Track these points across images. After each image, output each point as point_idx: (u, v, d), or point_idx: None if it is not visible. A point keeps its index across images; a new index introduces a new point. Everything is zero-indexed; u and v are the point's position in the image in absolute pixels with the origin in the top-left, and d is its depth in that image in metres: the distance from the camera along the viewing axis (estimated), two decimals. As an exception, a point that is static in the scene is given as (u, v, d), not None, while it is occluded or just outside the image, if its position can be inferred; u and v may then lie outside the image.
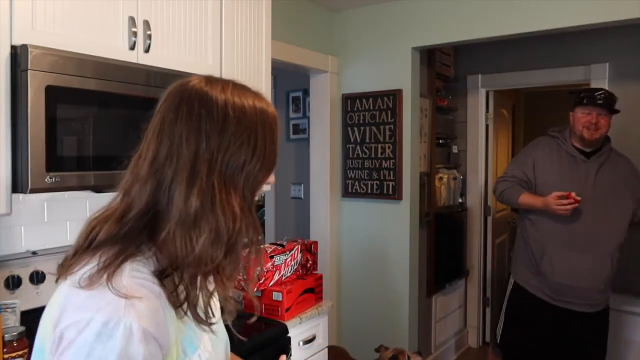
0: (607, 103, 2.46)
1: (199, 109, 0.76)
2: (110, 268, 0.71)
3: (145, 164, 0.77)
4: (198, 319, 0.78)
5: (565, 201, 2.36)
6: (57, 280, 0.79)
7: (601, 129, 2.46)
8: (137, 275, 0.73)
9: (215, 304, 0.91)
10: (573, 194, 2.35)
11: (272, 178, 0.85)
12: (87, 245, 0.78)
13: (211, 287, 0.82)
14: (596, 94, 2.49)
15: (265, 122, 0.80)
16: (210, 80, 0.81)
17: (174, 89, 0.81)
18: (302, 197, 3.73)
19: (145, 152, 0.79)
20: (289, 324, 2.06)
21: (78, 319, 0.68)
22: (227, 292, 0.83)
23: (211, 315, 0.83)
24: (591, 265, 2.43)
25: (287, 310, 2.09)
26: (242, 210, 0.77)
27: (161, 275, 0.75)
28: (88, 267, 0.73)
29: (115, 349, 0.66)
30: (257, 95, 0.83)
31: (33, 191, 1.37)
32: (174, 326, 0.75)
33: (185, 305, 0.76)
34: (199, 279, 0.77)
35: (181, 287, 0.76)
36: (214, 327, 0.83)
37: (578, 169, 2.51)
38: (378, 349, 2.86)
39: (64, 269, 0.77)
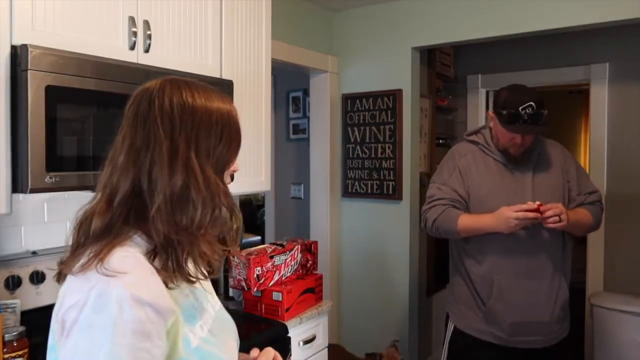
0: (535, 120, 1.97)
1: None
2: (100, 254, 0.78)
3: (123, 153, 0.84)
4: (187, 278, 0.85)
5: (531, 214, 1.86)
6: (58, 280, 0.84)
7: (528, 143, 2.04)
8: (125, 254, 0.79)
9: (214, 297, 0.99)
10: (537, 203, 1.88)
11: (236, 165, 0.94)
12: (80, 243, 0.84)
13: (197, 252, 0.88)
14: (521, 110, 1.96)
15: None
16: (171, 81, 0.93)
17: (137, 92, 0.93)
18: (302, 197, 3.73)
19: (120, 144, 0.86)
20: (289, 324, 2.06)
21: (76, 300, 0.75)
22: (214, 252, 0.89)
23: (201, 276, 0.89)
24: (547, 290, 2.03)
25: (287, 310, 2.09)
26: (217, 181, 0.86)
27: (151, 255, 0.82)
28: (82, 260, 0.79)
29: (111, 317, 0.72)
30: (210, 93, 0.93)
31: (33, 191, 1.37)
32: (171, 296, 0.81)
33: (175, 273, 0.83)
34: (185, 249, 0.84)
35: (170, 260, 0.83)
36: (220, 312, 0.95)
37: (512, 177, 2.07)
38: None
39: (65, 266, 0.82)
